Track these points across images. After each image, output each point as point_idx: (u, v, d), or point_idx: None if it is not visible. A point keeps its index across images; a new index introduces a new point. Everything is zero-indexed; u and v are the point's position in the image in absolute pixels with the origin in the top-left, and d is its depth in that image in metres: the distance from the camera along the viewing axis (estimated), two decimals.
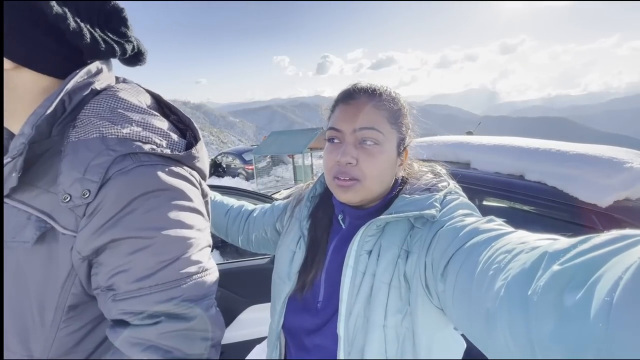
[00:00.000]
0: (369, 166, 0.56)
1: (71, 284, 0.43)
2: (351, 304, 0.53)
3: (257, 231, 0.84)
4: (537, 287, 0.28)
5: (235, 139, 55.05)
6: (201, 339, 0.44)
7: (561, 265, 0.27)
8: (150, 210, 0.42)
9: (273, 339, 0.67)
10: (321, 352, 0.58)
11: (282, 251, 0.69)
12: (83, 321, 0.45)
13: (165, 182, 0.44)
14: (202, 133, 0.55)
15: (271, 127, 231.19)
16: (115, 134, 0.44)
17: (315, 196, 0.71)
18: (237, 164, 12.52)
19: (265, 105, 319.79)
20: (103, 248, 0.41)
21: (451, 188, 0.58)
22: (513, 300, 0.30)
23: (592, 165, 1.16)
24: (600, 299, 0.22)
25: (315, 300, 0.61)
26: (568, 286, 0.25)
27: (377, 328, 0.51)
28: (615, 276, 0.22)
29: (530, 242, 0.34)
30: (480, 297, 0.35)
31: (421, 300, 0.50)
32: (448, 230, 0.48)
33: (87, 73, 0.46)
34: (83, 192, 0.40)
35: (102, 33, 0.47)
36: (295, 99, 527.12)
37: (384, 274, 0.52)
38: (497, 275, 0.33)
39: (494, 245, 0.38)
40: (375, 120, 0.56)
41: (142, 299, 0.41)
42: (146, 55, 0.55)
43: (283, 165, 13.36)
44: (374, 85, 0.60)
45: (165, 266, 0.42)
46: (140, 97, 0.52)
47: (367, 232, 0.55)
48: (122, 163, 0.43)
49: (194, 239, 0.45)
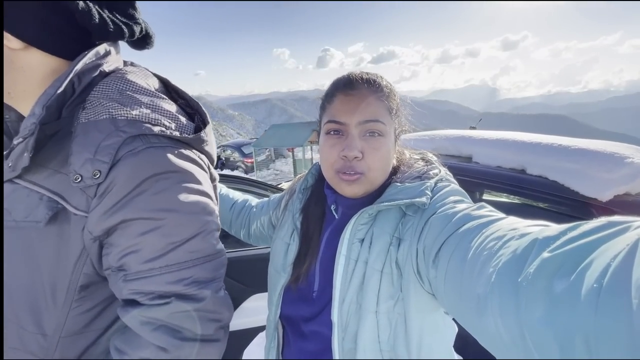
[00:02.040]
0: (374, 159, 0.56)
1: (83, 264, 0.44)
2: (344, 290, 0.54)
3: (255, 225, 0.85)
4: (527, 274, 0.28)
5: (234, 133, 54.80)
6: (210, 320, 0.45)
7: (551, 252, 0.27)
8: (160, 192, 0.43)
9: (271, 329, 0.68)
10: (317, 338, 0.59)
11: (277, 244, 0.69)
12: (94, 301, 0.46)
13: (174, 164, 0.45)
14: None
15: (270, 120, 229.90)
16: (125, 116, 0.44)
17: (307, 188, 0.71)
18: (236, 157, 12.50)
19: (265, 98, 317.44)
20: (114, 229, 0.42)
21: (442, 175, 0.58)
22: (504, 286, 0.30)
23: (593, 159, 1.17)
24: (589, 286, 0.23)
25: (311, 290, 0.62)
26: (558, 273, 0.26)
27: (370, 314, 0.52)
28: (604, 263, 0.23)
29: (521, 228, 0.35)
30: (471, 283, 0.35)
31: (413, 286, 0.51)
32: (440, 217, 0.48)
33: (95, 55, 0.46)
34: (94, 173, 0.41)
35: (111, 14, 0.47)
36: (294, 93, 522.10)
37: (376, 261, 0.53)
38: (488, 262, 0.34)
39: (484, 231, 0.39)
40: (379, 112, 0.56)
41: (153, 279, 0.42)
42: (154, 38, 0.55)
43: (282, 159, 13.34)
44: (371, 75, 0.59)
45: (175, 247, 0.43)
46: (148, 80, 0.52)
47: (359, 221, 0.56)
48: (132, 144, 0.43)
49: (203, 222, 0.46)
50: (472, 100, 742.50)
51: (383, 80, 0.60)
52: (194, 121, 0.54)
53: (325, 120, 0.59)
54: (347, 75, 0.60)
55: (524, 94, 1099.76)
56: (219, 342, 0.47)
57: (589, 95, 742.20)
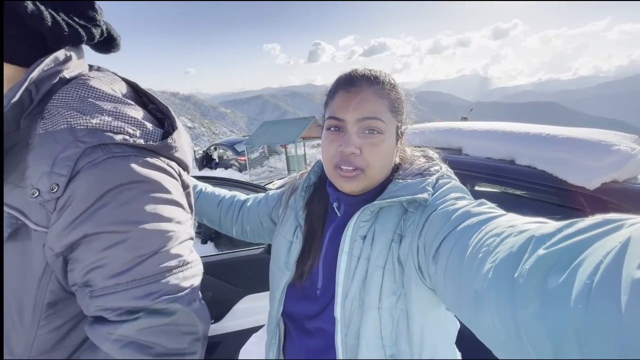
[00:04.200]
0: (373, 156, 0.56)
1: (47, 281, 0.42)
2: (347, 287, 0.54)
3: (252, 221, 0.84)
4: (523, 270, 0.28)
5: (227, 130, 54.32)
6: (184, 334, 0.44)
7: (546, 249, 0.28)
8: (125, 204, 0.41)
9: (272, 326, 0.68)
10: (322, 335, 0.59)
11: (279, 241, 0.69)
12: (64, 318, 0.44)
13: (139, 173, 0.43)
14: (193, 125, 0.53)
15: (263, 117, 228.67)
16: (85, 125, 0.42)
17: (309, 185, 0.71)
18: (229, 155, 12.41)
19: (257, 95, 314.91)
20: (77, 244, 0.40)
21: (443, 172, 0.59)
22: (500, 283, 0.30)
23: (580, 148, 1.17)
24: (581, 282, 0.23)
25: (315, 287, 0.62)
26: (552, 269, 0.26)
27: (372, 310, 0.53)
28: (597, 260, 0.23)
29: (519, 225, 0.35)
30: (469, 279, 0.36)
31: (414, 282, 0.51)
32: (440, 213, 0.48)
33: (54, 61, 0.44)
34: (51, 187, 0.39)
35: (67, 17, 0.44)
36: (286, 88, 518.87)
37: (379, 258, 0.53)
38: (486, 258, 0.34)
39: (483, 228, 0.39)
40: (378, 110, 0.56)
41: (120, 295, 0.40)
42: (119, 40, 0.52)
43: (276, 156, 13.29)
44: (374, 71, 0.59)
45: (142, 261, 0.41)
46: (114, 85, 0.50)
47: (361, 218, 0.56)
48: (91, 155, 0.41)
49: (173, 232, 0.44)
50: (464, 91, 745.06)
51: (386, 77, 0.59)
52: (165, 126, 0.52)
53: (327, 117, 0.60)
54: (349, 72, 0.60)
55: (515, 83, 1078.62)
56: (194, 355, 0.45)
57: (579, 81, 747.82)
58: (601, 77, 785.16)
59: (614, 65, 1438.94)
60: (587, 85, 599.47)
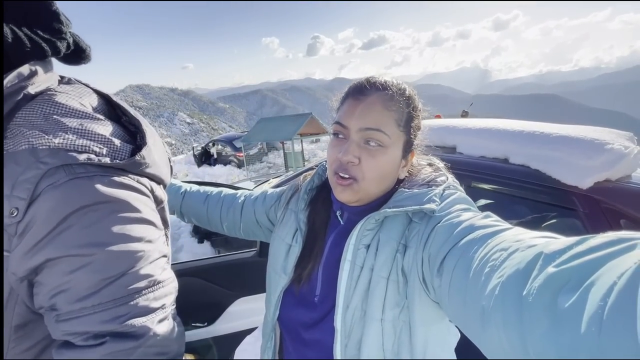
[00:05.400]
0: (370, 168, 0.55)
1: (14, 303, 0.41)
2: (349, 297, 0.54)
3: (246, 217, 0.82)
4: (532, 288, 0.28)
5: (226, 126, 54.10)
6: (154, 355, 0.43)
7: (557, 267, 0.27)
8: (89, 226, 0.40)
9: (268, 330, 0.67)
10: (319, 347, 0.58)
11: (277, 244, 0.68)
12: (34, 339, 0.44)
13: (104, 194, 0.41)
14: (192, 120, 0.51)
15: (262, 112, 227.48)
16: (47, 144, 0.40)
17: (312, 189, 0.69)
18: (228, 151, 12.38)
19: (255, 89, 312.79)
20: (40, 268, 0.39)
21: (450, 182, 0.58)
22: (508, 300, 0.30)
23: (573, 147, 1.16)
24: (594, 304, 0.22)
25: (312, 294, 0.61)
26: (563, 289, 0.25)
27: (375, 322, 0.52)
28: (610, 281, 0.22)
29: (526, 240, 0.34)
30: (475, 295, 0.35)
31: (418, 294, 0.50)
32: (445, 225, 0.47)
33: (17, 77, 0.42)
34: (11, 211, 0.38)
35: (30, 31, 0.43)
36: (285, 82, 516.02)
37: (383, 268, 0.53)
38: (493, 274, 0.33)
39: (489, 242, 0.38)
40: (382, 122, 0.55)
41: (85, 319, 0.39)
42: (89, 52, 0.50)
43: (275, 152, 13.26)
44: (388, 81, 0.58)
45: (109, 283, 0.40)
46: (84, 99, 0.48)
47: (365, 226, 0.55)
48: (53, 176, 0.39)
49: (142, 252, 0.43)
50: (464, 83, 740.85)
51: (400, 88, 0.58)
52: (137, 140, 0.51)
53: (334, 121, 0.60)
54: (363, 79, 0.60)
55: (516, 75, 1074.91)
56: None
57: (580, 73, 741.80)
58: (602, 69, 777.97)
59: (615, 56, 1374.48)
60: (588, 77, 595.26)
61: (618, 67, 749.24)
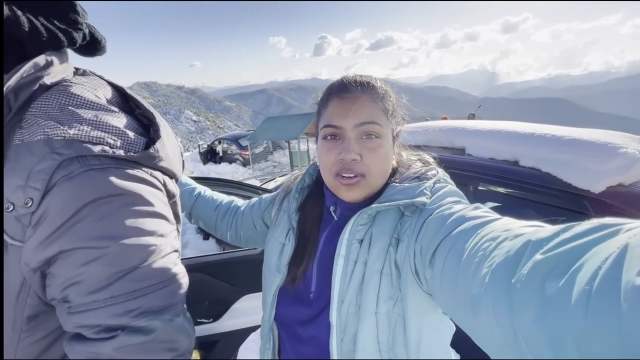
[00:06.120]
0: (373, 161, 0.56)
1: (26, 295, 0.41)
2: (343, 292, 0.54)
3: (245, 226, 0.83)
4: (520, 275, 0.28)
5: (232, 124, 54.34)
6: (165, 351, 0.42)
7: (543, 254, 0.27)
8: (103, 218, 0.40)
9: (266, 330, 0.68)
10: (316, 343, 0.58)
11: (272, 244, 0.68)
12: (46, 330, 0.43)
13: (118, 186, 0.41)
14: (198, 118, 0.51)
15: (268, 111, 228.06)
16: (62, 135, 0.40)
17: (304, 188, 0.70)
18: (233, 149, 12.44)
19: (261, 88, 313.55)
20: (53, 259, 0.39)
21: (440, 176, 0.58)
22: (497, 288, 0.30)
23: (586, 150, 1.15)
24: (580, 288, 0.23)
25: (308, 291, 0.61)
26: (550, 275, 0.26)
27: (369, 315, 0.52)
28: (595, 266, 0.23)
29: (514, 229, 0.35)
30: (466, 284, 0.36)
31: (411, 286, 0.51)
32: (436, 218, 0.48)
33: (34, 67, 0.42)
34: (25, 201, 0.38)
35: (47, 21, 0.42)
36: (291, 82, 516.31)
37: (376, 262, 0.53)
38: (482, 263, 0.34)
39: (479, 232, 0.39)
40: (375, 114, 0.56)
41: (97, 312, 0.39)
42: (104, 43, 0.50)
43: (280, 151, 13.29)
44: (365, 77, 0.59)
45: (121, 277, 0.40)
46: (98, 91, 0.48)
47: (358, 221, 0.55)
48: (68, 168, 0.39)
49: (155, 246, 0.43)
50: (471, 86, 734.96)
51: (377, 82, 0.60)
52: (150, 133, 0.50)
53: (322, 125, 0.59)
54: (340, 79, 0.60)
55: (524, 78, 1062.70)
56: None
57: (589, 77, 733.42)
58: (612, 73, 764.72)
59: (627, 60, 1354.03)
60: (598, 81, 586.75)
61: (629, 72, 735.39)
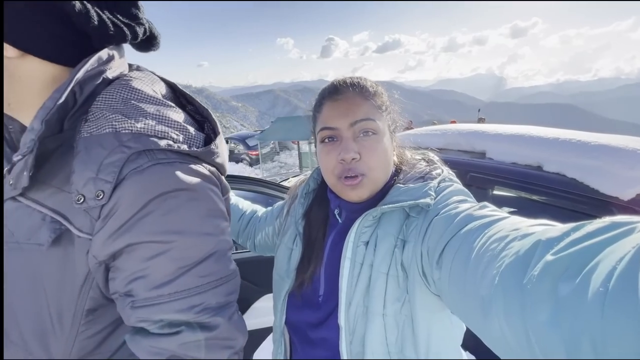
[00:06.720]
0: (372, 158, 0.55)
1: (89, 288, 0.41)
2: (350, 294, 0.54)
3: (260, 234, 0.84)
4: (531, 276, 0.28)
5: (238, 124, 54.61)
6: (223, 348, 0.43)
7: (555, 254, 0.27)
8: (169, 213, 0.40)
9: (277, 335, 0.68)
10: (327, 345, 0.58)
11: (281, 250, 0.69)
12: (103, 324, 0.44)
13: (183, 181, 0.41)
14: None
15: (274, 111, 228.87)
16: (129, 129, 0.41)
17: (309, 192, 0.71)
18: (240, 149, 12.50)
19: (268, 89, 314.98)
20: (120, 252, 0.39)
21: (445, 175, 0.58)
22: (508, 289, 0.30)
23: (614, 156, 1.13)
24: (595, 289, 0.22)
25: (317, 295, 0.61)
26: (563, 275, 0.25)
27: (377, 317, 0.52)
28: (610, 266, 0.22)
29: (523, 228, 0.34)
30: (475, 285, 0.35)
31: (419, 287, 0.50)
32: (442, 218, 0.48)
33: (98, 60, 0.42)
34: (97, 194, 0.38)
35: (112, 15, 0.43)
36: (298, 83, 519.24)
37: (382, 264, 0.53)
38: (491, 263, 0.33)
39: (487, 232, 0.38)
40: (368, 111, 0.56)
41: (161, 306, 0.39)
42: (159, 39, 0.51)
43: (287, 151, 13.32)
44: (355, 78, 0.60)
45: (185, 272, 0.40)
46: (155, 86, 0.49)
47: (363, 223, 0.55)
48: (137, 161, 0.40)
49: (216, 242, 0.43)
50: (479, 90, 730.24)
51: (367, 81, 0.60)
52: (204, 130, 0.51)
53: (318, 129, 0.59)
54: (331, 82, 0.61)
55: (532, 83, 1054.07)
56: None
57: (599, 83, 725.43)
58: (623, 79, 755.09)
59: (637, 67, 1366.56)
60: (607, 88, 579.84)
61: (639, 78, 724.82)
